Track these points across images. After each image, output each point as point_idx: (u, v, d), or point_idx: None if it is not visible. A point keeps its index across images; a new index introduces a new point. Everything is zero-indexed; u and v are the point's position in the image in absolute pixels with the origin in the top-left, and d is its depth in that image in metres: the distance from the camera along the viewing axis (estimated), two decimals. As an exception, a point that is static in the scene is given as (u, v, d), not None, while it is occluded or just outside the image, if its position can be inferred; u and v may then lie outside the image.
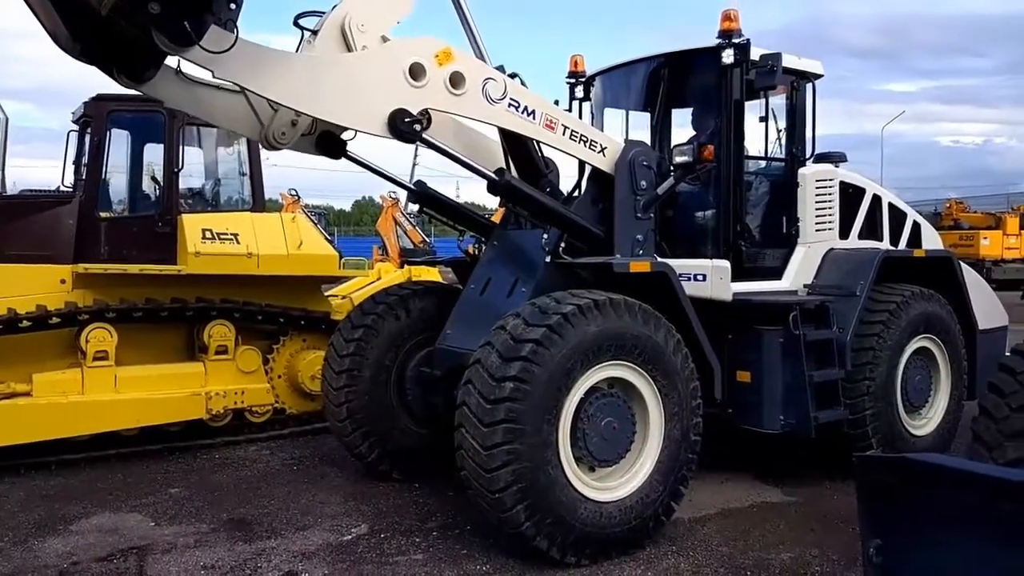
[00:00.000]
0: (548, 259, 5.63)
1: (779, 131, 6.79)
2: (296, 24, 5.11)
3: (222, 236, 7.66)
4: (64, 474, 6.63)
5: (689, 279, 5.88)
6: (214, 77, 4.37)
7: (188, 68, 4.76)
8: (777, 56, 5.91)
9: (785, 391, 5.86)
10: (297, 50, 5.04)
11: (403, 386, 6.24)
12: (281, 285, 7.97)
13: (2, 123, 9.39)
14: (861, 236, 7.06)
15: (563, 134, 5.48)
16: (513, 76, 5.43)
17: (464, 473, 4.61)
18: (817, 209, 6.66)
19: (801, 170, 6.65)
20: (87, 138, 7.92)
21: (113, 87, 4.77)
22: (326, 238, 26.14)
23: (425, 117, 5.01)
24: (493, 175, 5.47)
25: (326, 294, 8.86)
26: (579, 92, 7.22)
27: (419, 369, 6.20)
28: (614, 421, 4.87)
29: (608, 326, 4.77)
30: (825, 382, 5.94)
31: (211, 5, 3.95)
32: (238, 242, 7.71)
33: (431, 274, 9.83)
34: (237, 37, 4.16)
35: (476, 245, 6.73)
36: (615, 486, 4.90)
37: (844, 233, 6.92)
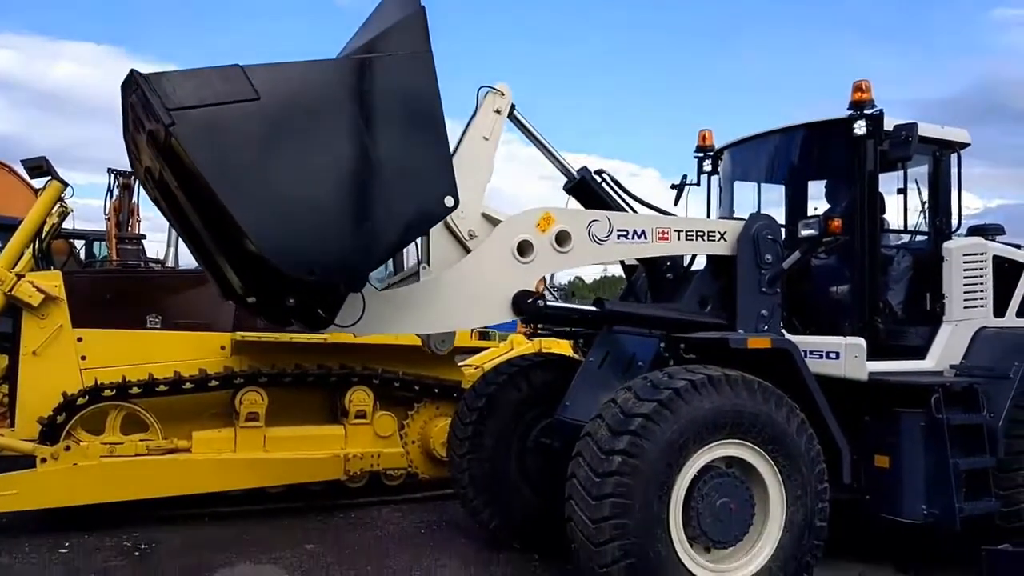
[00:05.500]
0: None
1: (922, 203, 6.50)
2: None
3: (366, 307, 8.12)
4: (216, 526, 7.13)
5: (821, 356, 5.72)
6: (356, 337, 4.50)
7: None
8: (912, 126, 5.71)
9: (927, 479, 5.49)
10: (418, 271, 5.02)
11: (524, 456, 6.31)
12: (418, 354, 8.31)
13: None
14: (1020, 314, 6.58)
15: (679, 239, 5.53)
16: (599, 172, 5.54)
17: (574, 546, 4.61)
18: (966, 285, 6.28)
19: (946, 244, 6.30)
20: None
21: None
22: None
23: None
24: (594, 308, 5.54)
25: (460, 364, 9.15)
26: (707, 166, 7.23)
27: (539, 440, 6.26)
28: (731, 502, 4.72)
29: (723, 403, 4.68)
30: (973, 471, 5.51)
31: (343, 298, 4.08)
32: (380, 312, 8.13)
33: (561, 347, 9.91)
34: (365, 304, 4.28)
35: None
36: (731, 569, 4.74)
37: (999, 311, 6.47)
